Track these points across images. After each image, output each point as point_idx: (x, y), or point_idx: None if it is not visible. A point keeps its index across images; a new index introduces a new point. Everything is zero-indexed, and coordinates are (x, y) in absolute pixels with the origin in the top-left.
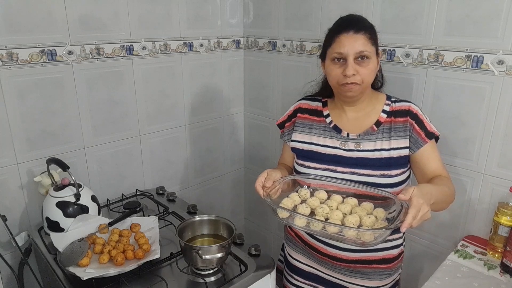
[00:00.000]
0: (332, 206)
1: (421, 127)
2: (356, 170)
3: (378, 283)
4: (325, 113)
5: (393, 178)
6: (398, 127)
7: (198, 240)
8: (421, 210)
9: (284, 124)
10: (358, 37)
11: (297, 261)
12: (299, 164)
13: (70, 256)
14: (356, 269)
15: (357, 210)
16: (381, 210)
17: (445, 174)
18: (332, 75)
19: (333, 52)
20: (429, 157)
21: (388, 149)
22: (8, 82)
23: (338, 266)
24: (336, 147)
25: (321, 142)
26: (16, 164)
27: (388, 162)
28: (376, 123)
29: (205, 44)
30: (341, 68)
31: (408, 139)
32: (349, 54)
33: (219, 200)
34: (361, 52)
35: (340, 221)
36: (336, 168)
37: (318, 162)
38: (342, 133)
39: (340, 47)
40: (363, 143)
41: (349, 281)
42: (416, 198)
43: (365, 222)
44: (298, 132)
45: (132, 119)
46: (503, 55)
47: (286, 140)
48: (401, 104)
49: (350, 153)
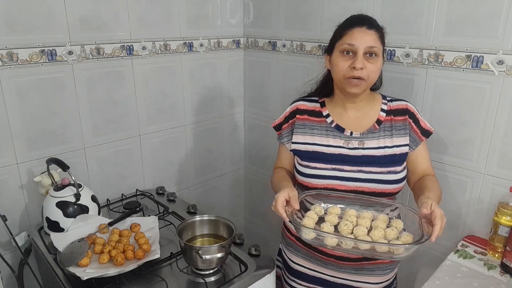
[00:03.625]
0: (353, 221)
1: (417, 125)
2: (363, 168)
3: (381, 278)
4: (324, 113)
5: (398, 174)
6: (399, 125)
7: (198, 240)
8: (443, 220)
9: (281, 126)
10: (371, 32)
11: (299, 265)
12: (304, 166)
13: (70, 256)
14: (361, 266)
15: (378, 223)
16: (399, 221)
17: (433, 172)
18: (340, 67)
19: (343, 44)
20: (422, 156)
21: (391, 147)
22: (8, 82)
23: (343, 266)
24: (340, 146)
25: (324, 142)
26: (16, 164)
27: (392, 159)
28: (377, 122)
29: (205, 44)
30: (350, 61)
31: (408, 137)
32: (359, 47)
33: (219, 200)
34: (372, 47)
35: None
36: (343, 167)
37: (324, 162)
38: (345, 132)
39: (352, 39)
40: (367, 141)
41: (354, 279)
42: (438, 210)
43: (389, 235)
44: (299, 134)
45: (132, 119)
46: (503, 55)
47: (285, 142)
48: (398, 103)
49: (355, 151)
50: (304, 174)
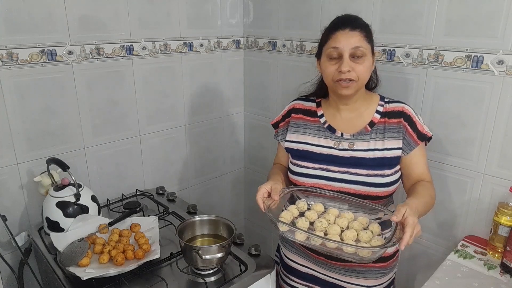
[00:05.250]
0: (330, 220)
1: (414, 129)
2: (350, 169)
3: (374, 282)
4: (319, 113)
5: (387, 177)
6: (392, 128)
7: (198, 240)
8: (416, 228)
9: (278, 124)
10: (354, 33)
11: (293, 261)
12: (294, 164)
13: (70, 256)
14: (351, 268)
15: (354, 224)
16: (376, 225)
17: (429, 178)
18: (327, 72)
19: (328, 48)
20: (417, 161)
21: (382, 149)
22: (8, 82)
23: (334, 266)
24: (330, 146)
25: (315, 142)
26: (16, 164)
27: (381, 162)
28: (369, 124)
29: (205, 44)
30: (337, 65)
31: (401, 140)
32: (344, 50)
33: (219, 200)
34: (357, 47)
35: (338, 236)
36: (330, 167)
37: (312, 161)
38: (336, 133)
39: (336, 42)
40: (357, 142)
41: (345, 280)
42: (411, 218)
43: (362, 237)
44: (293, 132)
45: (132, 119)
46: (503, 55)
47: (280, 140)
48: (394, 105)
49: (343, 153)
50: (293, 172)
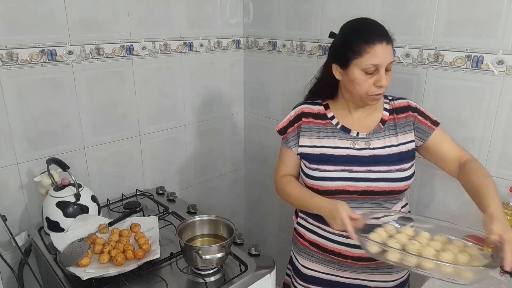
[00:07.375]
0: (422, 242)
1: (425, 117)
2: (372, 167)
3: (397, 275)
4: (329, 115)
5: (407, 171)
6: (402, 122)
7: (198, 240)
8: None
9: (286, 129)
10: (389, 47)
11: (313, 270)
12: (313, 169)
13: (70, 256)
14: (377, 265)
15: (449, 247)
16: (475, 248)
17: (466, 155)
18: (363, 86)
19: (366, 64)
20: (442, 140)
21: (397, 145)
22: (8, 82)
23: (360, 266)
24: (348, 147)
25: (332, 144)
26: (16, 164)
27: (399, 157)
28: (381, 121)
29: (205, 44)
30: (372, 79)
31: (413, 132)
32: (382, 65)
33: (219, 200)
34: (391, 63)
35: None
36: (352, 168)
37: (333, 164)
38: (351, 133)
39: (376, 59)
40: (372, 141)
41: (370, 279)
42: (506, 234)
43: (460, 260)
44: (306, 137)
45: (132, 119)
46: (503, 55)
47: (292, 146)
48: (399, 102)
49: (362, 152)
50: (313, 177)
